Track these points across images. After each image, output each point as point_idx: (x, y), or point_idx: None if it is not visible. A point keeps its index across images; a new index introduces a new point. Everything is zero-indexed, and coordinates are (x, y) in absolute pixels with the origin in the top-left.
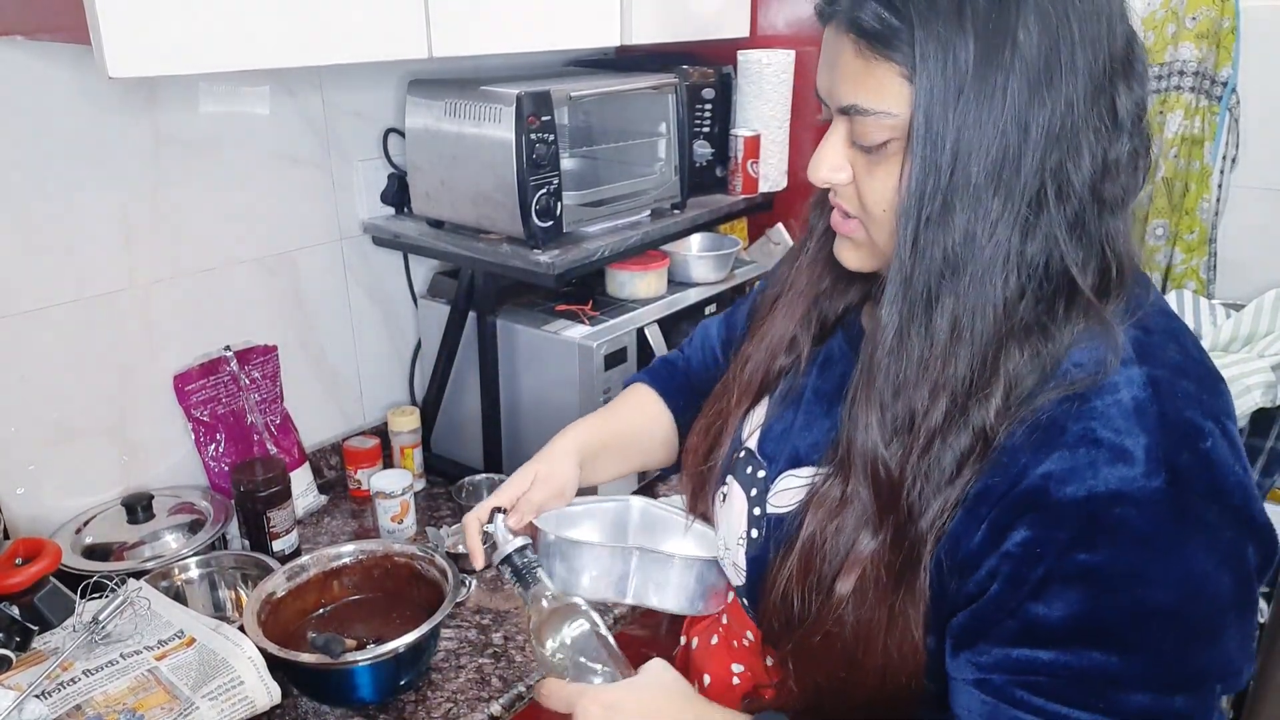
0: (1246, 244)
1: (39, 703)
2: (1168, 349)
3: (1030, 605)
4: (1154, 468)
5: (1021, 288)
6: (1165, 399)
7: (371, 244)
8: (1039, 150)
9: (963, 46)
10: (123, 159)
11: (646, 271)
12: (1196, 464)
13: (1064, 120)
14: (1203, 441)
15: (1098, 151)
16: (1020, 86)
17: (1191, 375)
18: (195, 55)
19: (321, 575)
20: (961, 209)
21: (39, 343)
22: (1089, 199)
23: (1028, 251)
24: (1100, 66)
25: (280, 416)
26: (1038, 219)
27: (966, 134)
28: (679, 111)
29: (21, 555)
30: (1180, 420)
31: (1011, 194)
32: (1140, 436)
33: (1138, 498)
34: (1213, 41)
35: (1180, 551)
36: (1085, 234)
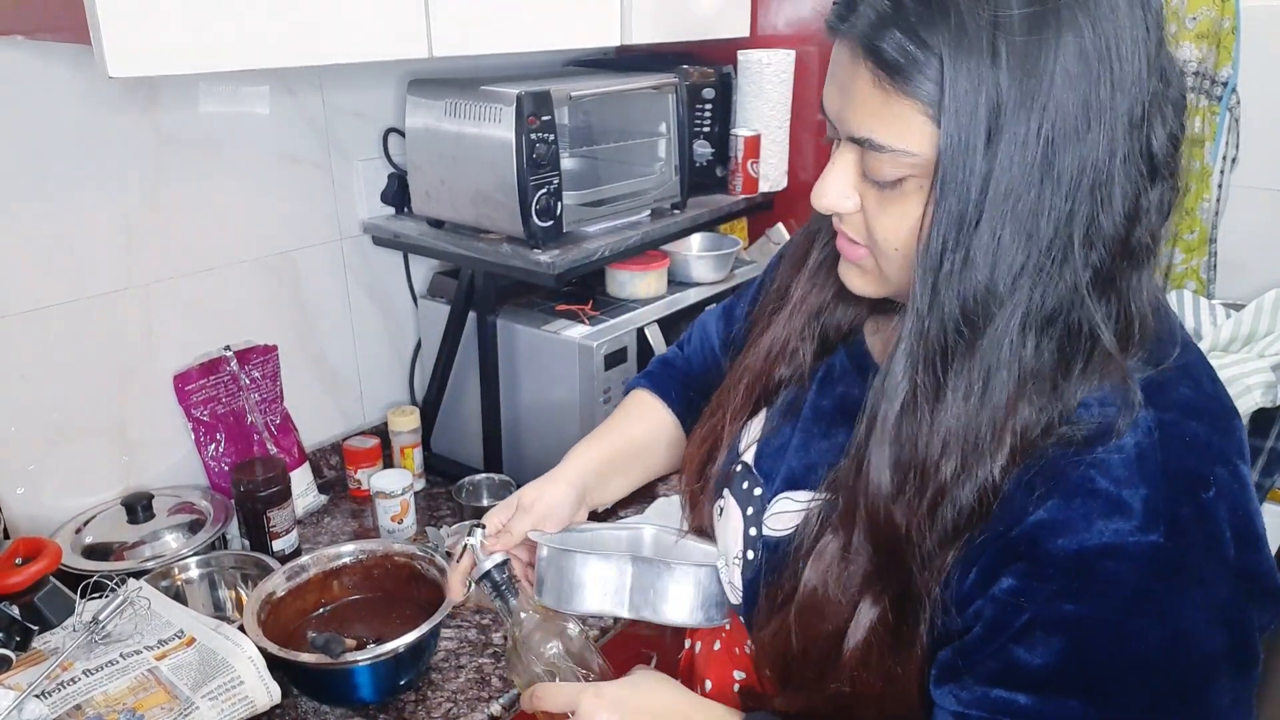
0: (1246, 244)
1: (39, 703)
2: (1179, 387)
3: (1013, 648)
4: (1151, 521)
5: (1040, 344)
6: (1170, 446)
7: (371, 244)
8: (1071, 200)
9: (994, 86)
10: (123, 159)
11: (646, 271)
12: (1196, 517)
13: (1099, 167)
14: (1205, 492)
15: (1130, 198)
16: (1056, 132)
17: (1203, 415)
18: (195, 55)
19: (321, 575)
20: (984, 263)
21: (39, 343)
22: (1117, 249)
23: (1049, 307)
24: (1139, 107)
25: (280, 416)
26: (1061, 272)
27: (995, 182)
28: (679, 111)
29: (21, 555)
30: (1183, 470)
31: (1037, 246)
32: (1140, 488)
33: (1131, 552)
34: (1213, 41)
35: (1170, 608)
36: (1111, 287)
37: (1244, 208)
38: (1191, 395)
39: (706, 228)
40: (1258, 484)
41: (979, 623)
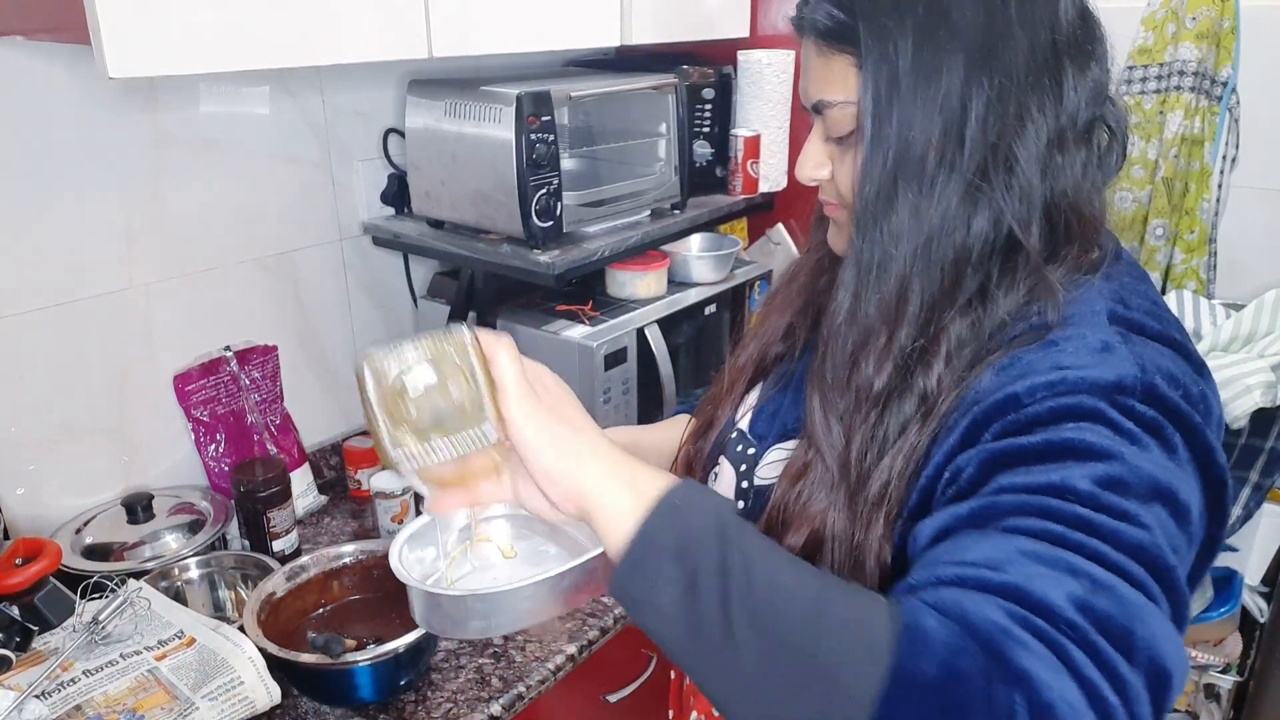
0: (1246, 244)
1: (39, 703)
2: (1148, 325)
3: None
4: (1129, 383)
5: (967, 254)
6: (1136, 346)
7: (371, 244)
8: (981, 125)
9: (901, 32)
10: (123, 159)
11: (646, 271)
12: (1168, 395)
13: (1005, 96)
14: (1177, 389)
15: (1044, 125)
16: (957, 65)
17: (1168, 352)
18: (195, 55)
19: (321, 575)
20: (906, 185)
21: (39, 343)
22: (1036, 169)
23: (974, 220)
24: (1044, 44)
25: (280, 416)
26: (982, 189)
27: (908, 113)
28: (679, 111)
29: (21, 555)
30: (1154, 362)
31: (955, 168)
32: (1111, 367)
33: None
34: (1213, 41)
35: (1152, 453)
36: (1031, 202)
37: (1244, 208)
38: (1159, 332)
39: (706, 228)
40: (1258, 484)
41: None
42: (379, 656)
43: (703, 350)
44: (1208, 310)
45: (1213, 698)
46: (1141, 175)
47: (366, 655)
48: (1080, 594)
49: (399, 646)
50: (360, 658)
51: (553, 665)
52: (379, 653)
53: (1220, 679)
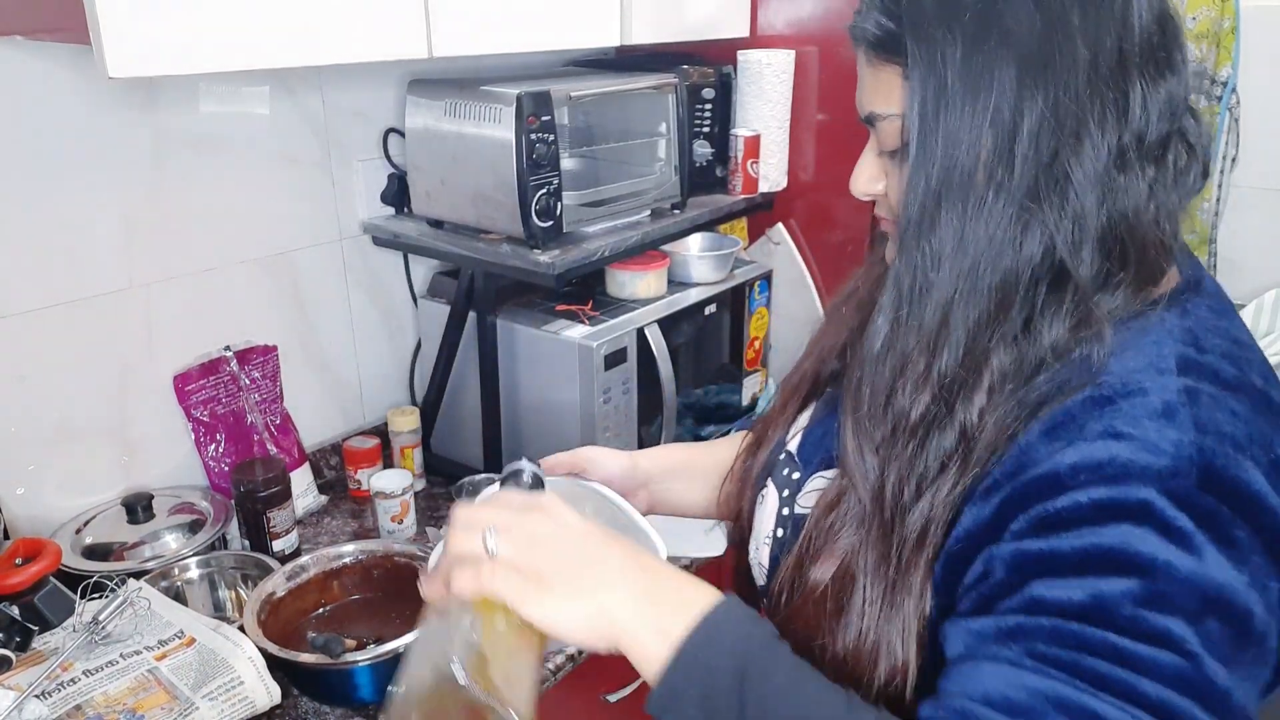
0: (1246, 244)
1: (39, 703)
2: (1222, 370)
3: (1035, 583)
4: (1183, 467)
5: (1014, 280)
6: (1203, 408)
7: (371, 244)
8: (1033, 142)
9: (949, 41)
10: (123, 159)
11: (646, 271)
12: (1231, 475)
13: (1061, 110)
14: (1243, 455)
15: (1105, 141)
16: (1008, 76)
17: (1245, 401)
18: (195, 55)
19: (321, 575)
20: (950, 204)
21: (39, 343)
22: (1092, 191)
23: (1022, 244)
24: (1109, 53)
25: (280, 416)
26: (1033, 211)
27: (954, 128)
28: (679, 111)
29: (21, 555)
30: (1218, 428)
31: (1004, 187)
32: (1170, 433)
33: (1162, 486)
34: (1213, 41)
35: (1206, 555)
36: (1084, 227)
37: (1244, 208)
38: (1235, 379)
39: (706, 228)
40: None
41: (996, 566)
42: (379, 656)
43: (703, 350)
44: None
45: None
46: None
47: (366, 655)
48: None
49: (399, 646)
50: (360, 658)
51: (553, 665)
52: (379, 653)
53: None
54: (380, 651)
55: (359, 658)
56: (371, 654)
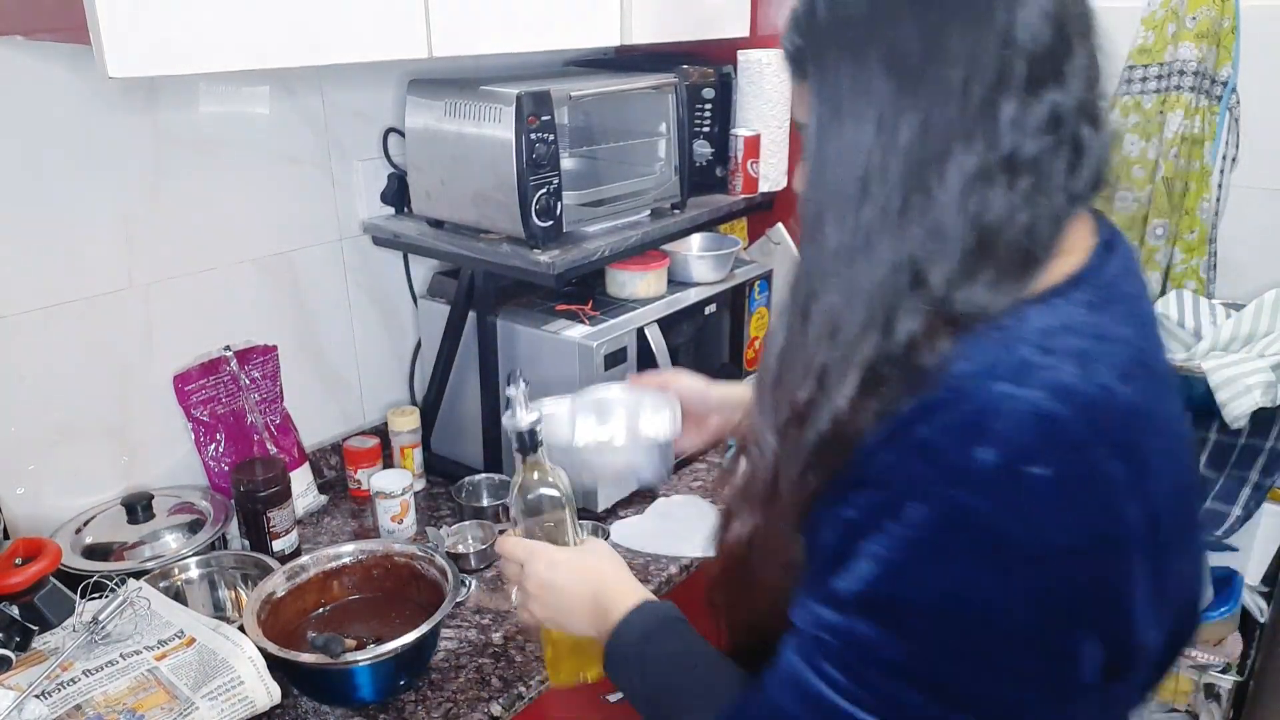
0: (1246, 244)
1: (39, 703)
2: (1060, 372)
3: (836, 573)
4: (963, 478)
5: (880, 285)
6: (1009, 416)
7: (371, 244)
8: (904, 157)
9: (841, 58)
10: (123, 159)
11: (646, 271)
12: (1014, 487)
13: (930, 126)
14: (1036, 467)
15: (974, 156)
16: (888, 96)
17: (1073, 402)
18: (195, 55)
19: (321, 575)
20: (830, 212)
21: (39, 343)
22: (954, 204)
23: (892, 252)
24: (982, 78)
25: (280, 416)
26: (900, 224)
27: (839, 141)
28: (679, 111)
29: (21, 555)
30: (1016, 441)
31: (875, 199)
32: (968, 447)
33: (935, 500)
34: (1213, 41)
35: (964, 565)
36: (944, 238)
37: (1244, 208)
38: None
39: (706, 228)
40: (1258, 484)
41: (817, 551)
42: (379, 656)
43: (703, 350)
44: (1208, 310)
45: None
46: (1141, 175)
47: (366, 655)
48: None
49: (399, 646)
50: (360, 658)
51: None
52: (379, 653)
53: (1220, 679)
54: (380, 651)
55: (359, 658)
56: (371, 654)
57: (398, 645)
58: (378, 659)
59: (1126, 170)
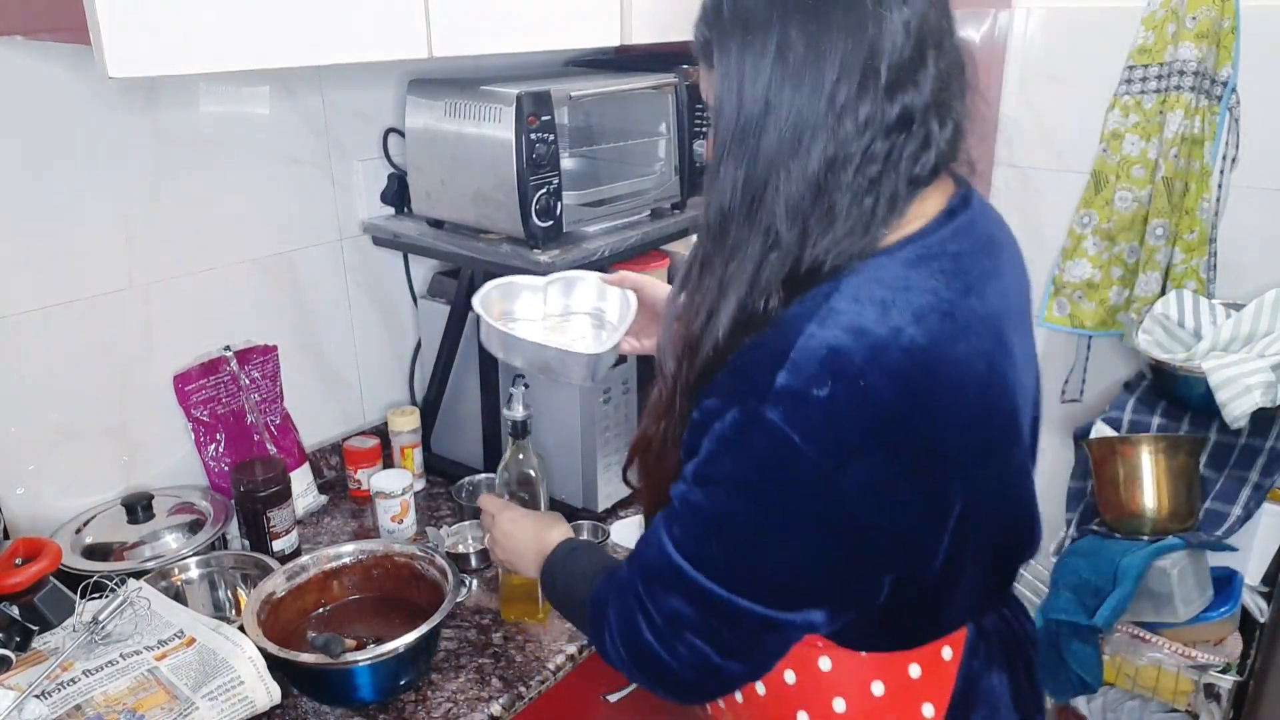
0: (1246, 244)
1: (39, 703)
2: (862, 315)
3: (688, 461)
4: (764, 394)
5: (756, 251)
6: (807, 350)
7: (371, 244)
8: (776, 143)
9: (736, 58)
10: (123, 159)
11: (646, 271)
12: (801, 402)
13: (798, 122)
14: (818, 389)
15: (824, 150)
16: (772, 92)
17: (863, 339)
18: (195, 55)
19: (321, 575)
20: (724, 184)
21: (39, 343)
22: (805, 187)
23: (759, 224)
24: (849, 81)
25: (280, 416)
26: (764, 197)
27: (734, 125)
28: (679, 111)
29: (21, 555)
30: (805, 368)
31: (753, 176)
32: (772, 370)
33: (743, 409)
34: (1213, 41)
35: (759, 462)
36: (797, 213)
37: (1244, 208)
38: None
39: None
40: (1257, 484)
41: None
42: (379, 656)
43: None
44: (1208, 310)
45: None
46: (1141, 175)
47: (366, 655)
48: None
49: (399, 646)
50: (360, 658)
51: (553, 665)
52: (379, 653)
53: (1220, 679)
54: (380, 651)
55: (359, 658)
56: (371, 654)
57: (398, 645)
58: (378, 659)
59: (1126, 170)
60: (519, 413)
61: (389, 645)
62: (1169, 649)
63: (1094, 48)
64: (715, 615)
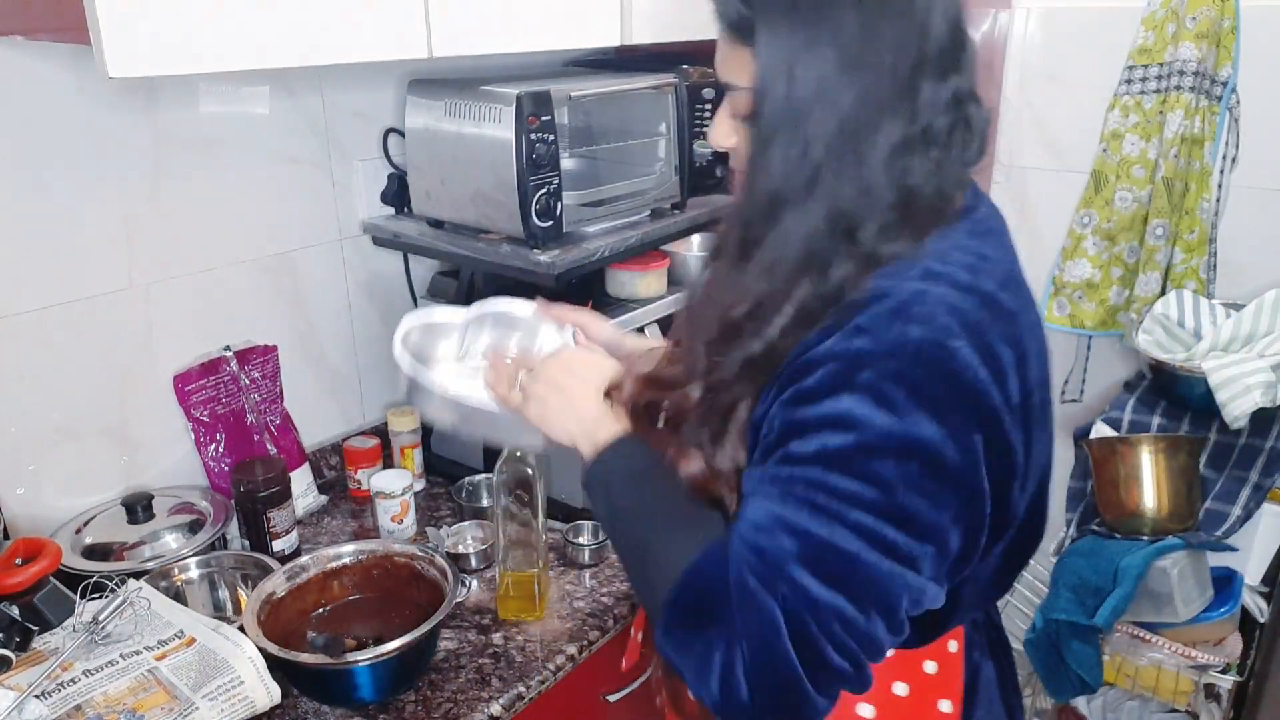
0: (1246, 244)
1: (39, 703)
2: (957, 277)
3: (793, 442)
4: (899, 349)
5: (814, 233)
6: (928, 305)
7: (371, 244)
8: (842, 124)
9: (791, 35)
10: (123, 159)
11: (646, 271)
12: (938, 356)
13: (867, 101)
14: (952, 340)
15: (899, 129)
16: (833, 70)
17: (969, 299)
18: (195, 55)
19: (321, 575)
20: (777, 168)
21: (39, 343)
22: (881, 169)
23: (826, 206)
24: (906, 59)
25: (280, 416)
26: (835, 180)
27: (784, 108)
28: (679, 111)
29: (21, 555)
30: (932, 321)
31: (816, 158)
32: (895, 326)
33: (879, 367)
34: (1213, 41)
35: (909, 416)
36: (873, 197)
37: (1244, 208)
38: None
39: (706, 228)
40: (1257, 484)
41: (771, 430)
42: (379, 656)
43: None
44: (1208, 310)
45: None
46: (1141, 175)
47: (366, 655)
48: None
49: (399, 646)
50: (360, 658)
51: (553, 665)
52: (379, 653)
53: (1220, 679)
54: (380, 651)
55: (359, 658)
56: (371, 654)
57: (398, 645)
58: (378, 659)
59: (1126, 170)
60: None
61: (389, 645)
62: (1169, 649)
63: (1094, 48)
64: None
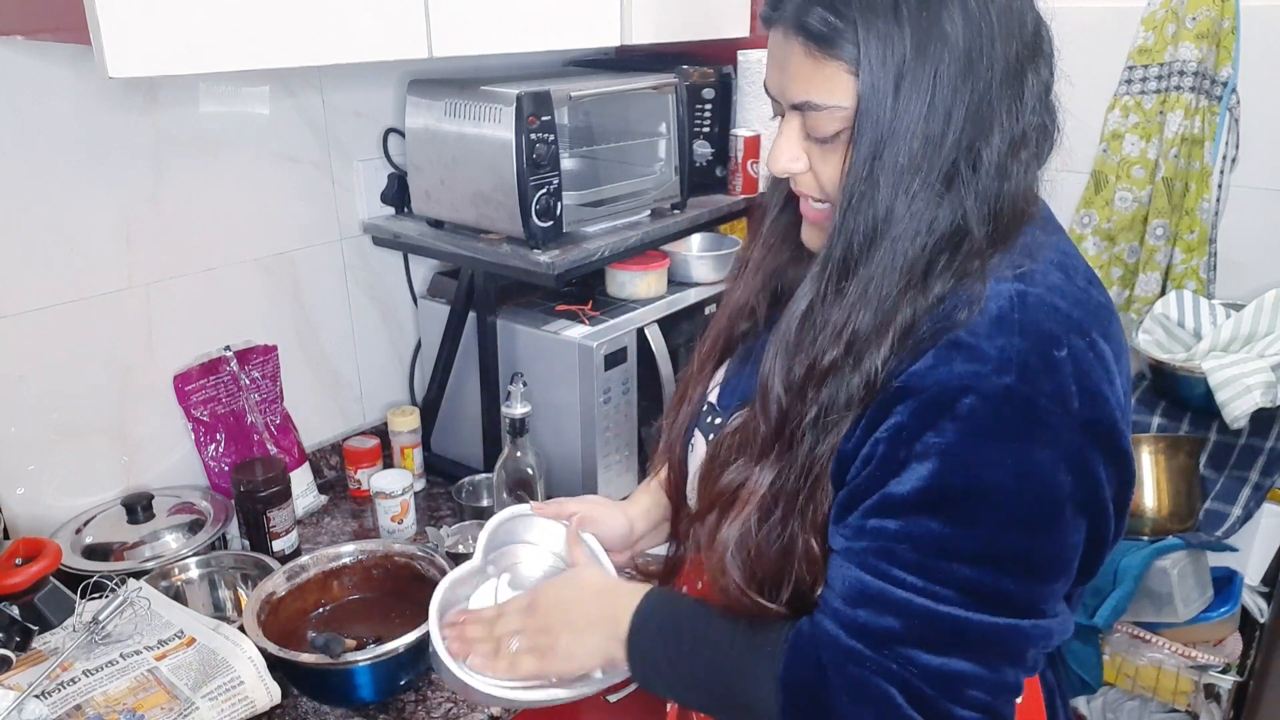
0: (1246, 244)
1: (39, 703)
2: (1050, 275)
3: (888, 481)
4: (1004, 366)
5: (926, 253)
6: (1030, 309)
7: (371, 244)
8: (958, 132)
9: (899, 42)
10: (123, 159)
11: (646, 271)
12: (1045, 368)
13: (981, 104)
14: (1057, 350)
15: (1007, 130)
16: (947, 75)
17: (1067, 297)
18: (195, 55)
19: (321, 575)
20: (885, 187)
21: (39, 343)
22: (994, 172)
23: (937, 221)
24: (1014, 54)
25: (280, 416)
26: (949, 192)
27: (900, 120)
28: (679, 111)
29: (21, 555)
30: (1037, 328)
31: (930, 171)
32: (998, 340)
33: (983, 390)
34: (1213, 41)
35: (1020, 443)
36: (988, 202)
37: (1244, 208)
38: (1061, 282)
39: (706, 228)
40: (1257, 484)
41: (866, 465)
42: (379, 656)
43: None
44: (1208, 310)
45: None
46: (1141, 175)
47: (366, 655)
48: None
49: (399, 646)
50: (360, 658)
51: None
52: (379, 653)
53: (1220, 679)
54: (380, 651)
55: (359, 658)
56: (371, 654)
57: (398, 645)
58: (378, 659)
59: (1126, 170)
60: (517, 410)
61: (389, 645)
62: (1169, 649)
63: (1094, 48)
64: (990, 651)
